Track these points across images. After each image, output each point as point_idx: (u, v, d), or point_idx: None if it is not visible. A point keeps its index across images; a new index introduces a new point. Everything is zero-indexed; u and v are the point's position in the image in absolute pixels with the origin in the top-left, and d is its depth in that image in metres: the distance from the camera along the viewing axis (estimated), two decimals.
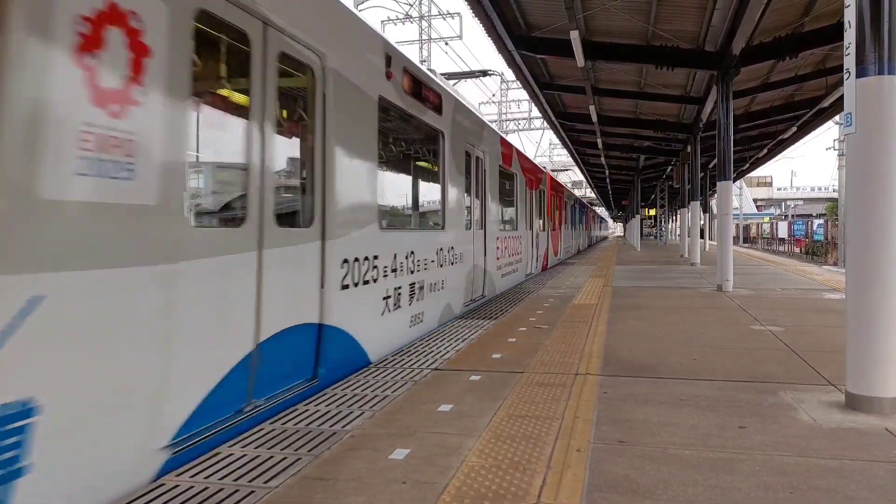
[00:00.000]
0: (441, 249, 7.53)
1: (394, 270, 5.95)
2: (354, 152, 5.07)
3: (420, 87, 6.72)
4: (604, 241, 55.81)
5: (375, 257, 5.47)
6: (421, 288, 6.77)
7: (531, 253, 14.95)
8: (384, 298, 5.74)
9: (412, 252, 6.49)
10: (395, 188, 7.68)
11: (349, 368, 5.01)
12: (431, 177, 8.15)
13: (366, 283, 5.29)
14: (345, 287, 4.87)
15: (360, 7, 22.89)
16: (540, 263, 16.34)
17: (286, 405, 4.07)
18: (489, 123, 10.81)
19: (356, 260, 5.07)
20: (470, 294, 8.93)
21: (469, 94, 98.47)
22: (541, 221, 16.54)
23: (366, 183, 5.34)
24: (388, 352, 5.74)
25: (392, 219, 7.14)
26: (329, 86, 4.62)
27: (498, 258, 10.88)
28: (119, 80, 2.79)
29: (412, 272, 6.49)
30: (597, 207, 67.42)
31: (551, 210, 18.77)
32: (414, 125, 7.04)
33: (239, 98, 4.12)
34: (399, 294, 6.10)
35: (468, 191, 8.93)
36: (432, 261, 7.16)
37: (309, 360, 4.47)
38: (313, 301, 4.47)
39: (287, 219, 4.31)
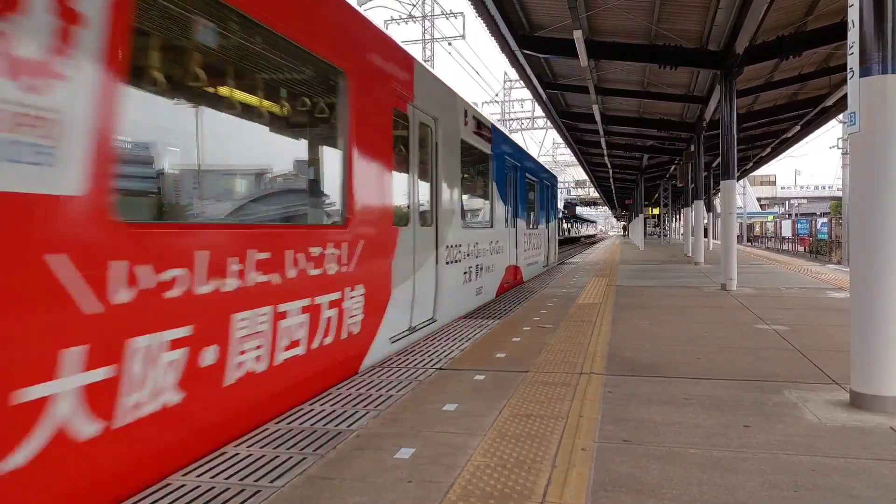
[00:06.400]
0: (538, 236, 15.63)
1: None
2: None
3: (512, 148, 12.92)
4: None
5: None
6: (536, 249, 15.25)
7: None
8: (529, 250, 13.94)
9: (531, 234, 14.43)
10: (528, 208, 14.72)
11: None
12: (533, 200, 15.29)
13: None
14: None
15: (363, 7, 22.90)
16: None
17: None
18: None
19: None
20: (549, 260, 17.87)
21: (471, 94, 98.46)
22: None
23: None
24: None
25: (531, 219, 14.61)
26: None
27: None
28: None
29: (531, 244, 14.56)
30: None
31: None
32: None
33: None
34: (527, 252, 13.62)
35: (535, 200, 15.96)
36: (538, 237, 15.61)
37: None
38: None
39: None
